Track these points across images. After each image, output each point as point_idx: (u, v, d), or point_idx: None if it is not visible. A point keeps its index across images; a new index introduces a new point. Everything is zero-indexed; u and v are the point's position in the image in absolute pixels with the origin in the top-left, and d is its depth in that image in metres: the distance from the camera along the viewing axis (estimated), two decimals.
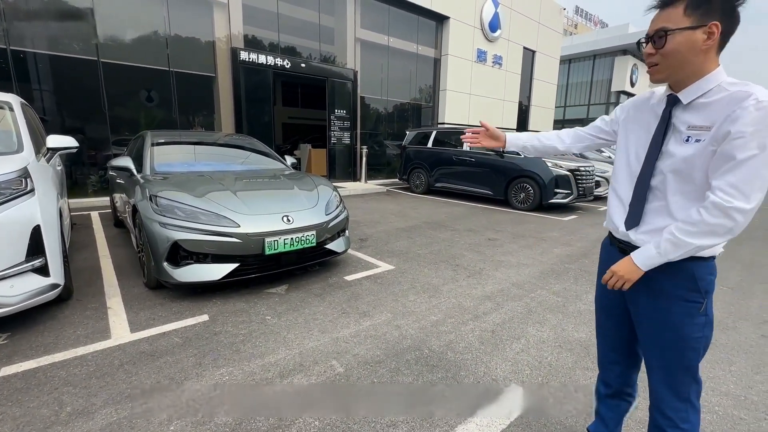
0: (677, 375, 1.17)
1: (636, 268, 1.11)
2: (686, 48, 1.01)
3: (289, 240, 2.97)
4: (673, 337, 1.14)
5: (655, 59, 1.07)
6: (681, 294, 1.11)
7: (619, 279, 1.15)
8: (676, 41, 1.01)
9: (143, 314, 2.63)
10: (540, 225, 5.97)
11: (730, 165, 0.97)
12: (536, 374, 2.08)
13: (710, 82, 1.04)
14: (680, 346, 1.14)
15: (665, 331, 1.15)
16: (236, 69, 8.15)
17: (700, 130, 1.04)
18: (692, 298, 1.11)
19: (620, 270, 1.14)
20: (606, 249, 1.36)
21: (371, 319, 2.67)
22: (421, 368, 2.10)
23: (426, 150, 9.07)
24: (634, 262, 1.12)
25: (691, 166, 1.05)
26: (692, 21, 0.99)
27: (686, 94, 1.07)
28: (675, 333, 1.14)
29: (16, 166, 2.41)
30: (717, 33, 0.99)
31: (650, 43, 1.07)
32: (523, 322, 2.68)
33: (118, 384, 1.89)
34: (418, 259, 4.05)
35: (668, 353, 1.16)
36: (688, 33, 1.00)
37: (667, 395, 1.19)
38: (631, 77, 25.39)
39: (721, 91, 1.02)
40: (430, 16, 11.89)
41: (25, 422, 1.62)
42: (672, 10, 1.02)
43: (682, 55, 1.02)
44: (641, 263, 1.10)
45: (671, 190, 1.10)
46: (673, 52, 1.03)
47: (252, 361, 2.12)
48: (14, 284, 2.18)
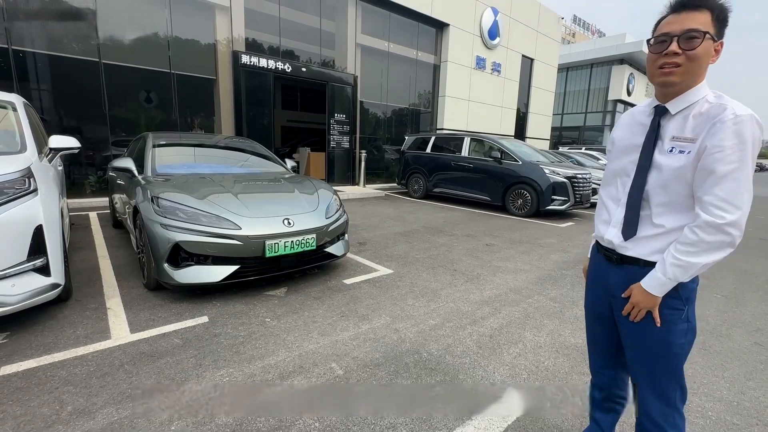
0: (662, 381, 1.19)
1: (651, 295, 1.12)
2: (706, 56, 1.02)
3: (290, 243, 2.99)
4: (656, 343, 1.17)
5: (680, 60, 1.03)
6: (663, 302, 1.13)
7: (641, 309, 1.16)
8: (704, 46, 1.01)
9: (143, 315, 2.64)
10: (537, 231, 6.02)
11: (714, 179, 1.00)
12: (533, 378, 2.11)
13: (696, 95, 1.07)
14: (663, 352, 1.16)
15: (648, 337, 1.18)
16: (237, 72, 8.19)
17: (684, 142, 1.06)
18: (674, 306, 1.13)
19: (639, 301, 1.15)
20: (594, 256, 1.38)
21: (370, 322, 2.69)
22: (420, 371, 2.12)
23: (424, 155, 9.13)
24: (647, 291, 1.12)
25: (678, 177, 1.07)
26: (714, 32, 1.02)
27: (675, 104, 1.10)
28: (658, 339, 1.16)
29: (19, 166, 2.43)
30: (720, 51, 1.03)
31: (676, 42, 1.02)
32: (520, 327, 2.71)
33: (118, 384, 1.89)
34: (416, 263, 4.08)
35: (652, 360, 1.19)
36: (710, 43, 1.02)
37: (655, 401, 1.21)
38: (627, 86, 25.68)
39: (704, 104, 1.05)
40: (430, 23, 12.02)
41: (26, 421, 1.62)
42: (701, 14, 1.01)
43: (702, 61, 1.03)
44: (654, 290, 1.11)
45: (655, 200, 1.13)
46: (699, 56, 1.02)
47: (252, 362, 2.13)
48: (15, 283, 2.18)
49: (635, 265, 1.18)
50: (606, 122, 26.54)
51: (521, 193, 7.33)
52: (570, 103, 28.21)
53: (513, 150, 7.72)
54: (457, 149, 8.56)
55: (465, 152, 8.38)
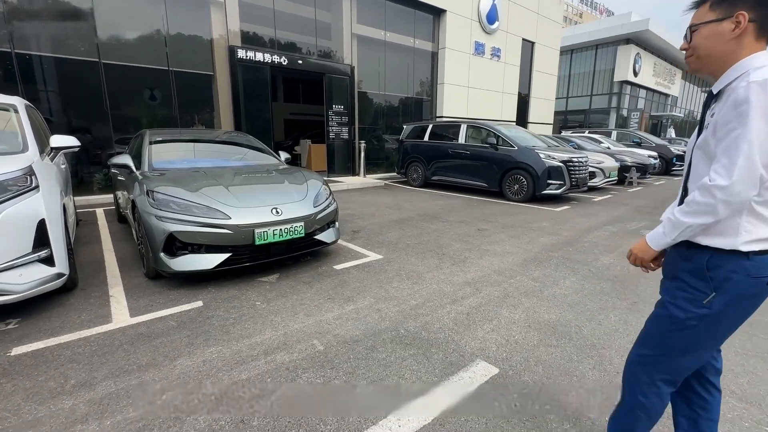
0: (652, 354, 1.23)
1: (648, 247, 1.19)
2: (712, 40, 1.08)
3: (278, 231, 3.14)
4: (666, 313, 1.18)
5: (689, 51, 1.16)
6: (688, 279, 1.13)
7: (635, 258, 1.25)
8: (702, 35, 1.11)
9: (142, 301, 2.83)
10: (532, 215, 6.10)
11: (719, 147, 1.02)
12: (501, 351, 2.24)
13: (738, 70, 1.05)
14: (669, 325, 1.17)
15: (665, 308, 1.20)
16: (234, 67, 8.31)
17: (712, 118, 1.09)
18: (697, 286, 1.11)
19: (635, 249, 1.25)
20: None
21: (354, 303, 2.84)
22: (395, 346, 2.27)
23: (423, 144, 9.19)
24: (646, 241, 1.21)
25: (704, 152, 1.10)
26: (717, 14, 1.07)
27: (717, 85, 1.11)
28: (671, 311, 1.17)
29: (21, 164, 2.61)
30: (744, 21, 1.02)
31: (684, 38, 1.18)
32: (498, 306, 2.84)
33: (117, 361, 2.08)
34: (406, 249, 4.21)
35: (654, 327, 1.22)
36: (713, 26, 1.08)
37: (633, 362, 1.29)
38: (634, 67, 25.12)
39: (745, 78, 1.01)
40: (426, 10, 11.92)
41: (34, 392, 1.82)
42: (701, 7, 1.13)
43: (707, 47, 1.10)
44: (652, 242, 1.19)
45: (692, 179, 1.15)
46: (699, 45, 1.12)
47: (240, 341, 2.30)
48: (22, 273, 2.38)
49: (680, 245, 1.17)
50: (612, 104, 26.06)
51: (517, 178, 7.38)
52: (575, 86, 27.72)
53: (509, 135, 7.75)
54: (455, 136, 8.60)
55: (462, 139, 8.43)
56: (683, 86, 34.33)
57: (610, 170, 9.03)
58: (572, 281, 3.34)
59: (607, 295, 3.08)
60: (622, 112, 26.27)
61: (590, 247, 4.40)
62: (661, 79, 29.15)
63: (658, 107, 30.79)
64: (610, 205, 7.26)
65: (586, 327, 2.54)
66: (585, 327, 2.54)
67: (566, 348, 2.28)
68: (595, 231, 5.14)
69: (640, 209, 6.83)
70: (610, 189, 9.39)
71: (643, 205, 7.31)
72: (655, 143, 13.77)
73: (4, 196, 2.34)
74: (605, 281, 3.36)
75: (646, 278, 3.42)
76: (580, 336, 2.42)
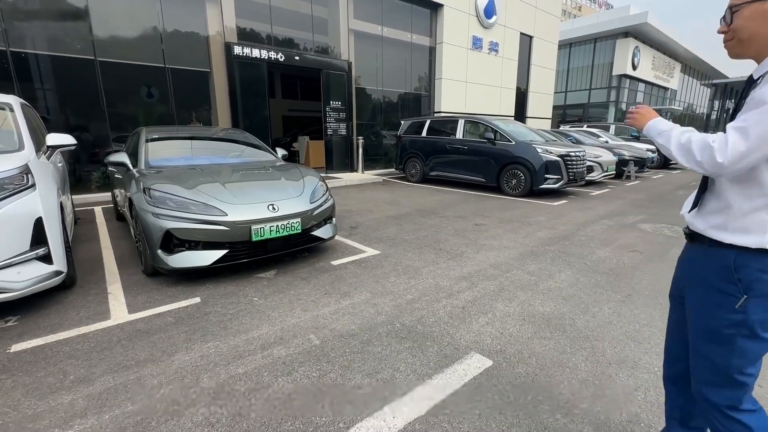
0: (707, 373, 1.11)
1: (648, 120, 1.19)
2: (757, 21, 1.00)
3: (275, 227, 3.16)
4: (702, 326, 1.11)
5: (729, 35, 1.08)
6: (716, 284, 1.06)
7: (634, 117, 1.24)
8: (743, 16, 1.02)
9: (140, 298, 2.85)
10: (529, 210, 6.12)
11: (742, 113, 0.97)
12: (496, 343, 2.27)
13: None
14: (708, 337, 1.09)
15: (698, 319, 1.13)
16: (230, 64, 8.28)
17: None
18: (727, 290, 1.04)
19: (641, 109, 1.23)
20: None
21: (351, 298, 2.86)
22: (391, 340, 2.30)
23: (421, 139, 9.19)
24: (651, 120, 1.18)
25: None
26: None
27: (757, 70, 1.04)
28: (704, 322, 1.10)
29: (17, 163, 2.62)
30: None
31: (722, 20, 1.10)
32: (493, 299, 2.86)
33: (115, 356, 2.10)
34: (404, 244, 4.23)
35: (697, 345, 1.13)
36: (756, 5, 0.99)
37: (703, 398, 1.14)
38: (633, 60, 25.05)
39: None
40: (423, 4, 11.87)
41: (34, 388, 1.84)
42: None
43: (750, 28, 1.02)
44: (651, 126, 1.17)
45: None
46: (741, 27, 1.03)
47: (237, 336, 2.33)
48: (21, 271, 2.40)
49: (702, 243, 1.13)
50: (611, 98, 26.02)
51: (515, 173, 7.39)
52: (574, 80, 27.66)
53: (506, 130, 7.75)
54: (452, 132, 8.60)
55: (459, 134, 8.43)
56: (682, 79, 34.25)
57: (607, 164, 9.04)
58: (567, 274, 3.37)
59: (602, 287, 3.10)
60: (621, 106, 26.22)
61: (586, 240, 4.42)
62: (660, 73, 29.08)
63: (657, 101, 30.74)
64: (607, 199, 7.28)
65: (580, 319, 2.57)
66: (579, 319, 2.57)
67: (560, 340, 2.31)
68: (591, 225, 5.17)
69: (638, 203, 6.85)
70: (608, 183, 9.40)
71: (640, 198, 7.33)
72: None
73: (1, 195, 2.35)
74: (600, 274, 3.39)
75: (640, 271, 3.44)
76: (574, 328, 2.45)
